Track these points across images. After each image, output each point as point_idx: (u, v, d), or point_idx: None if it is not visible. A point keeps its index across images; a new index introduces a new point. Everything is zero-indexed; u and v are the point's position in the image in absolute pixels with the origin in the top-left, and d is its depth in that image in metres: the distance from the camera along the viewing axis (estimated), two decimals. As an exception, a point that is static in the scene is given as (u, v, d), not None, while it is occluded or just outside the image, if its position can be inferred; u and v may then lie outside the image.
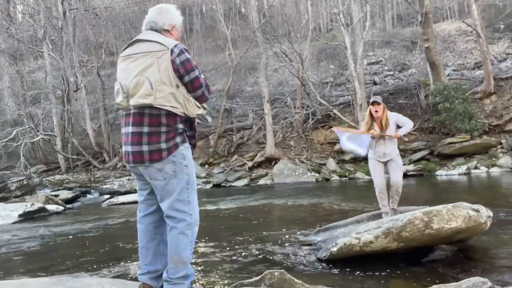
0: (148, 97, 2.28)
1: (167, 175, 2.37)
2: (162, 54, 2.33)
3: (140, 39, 2.44)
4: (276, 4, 24.36)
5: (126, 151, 2.43)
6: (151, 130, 2.33)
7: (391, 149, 5.03)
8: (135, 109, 2.34)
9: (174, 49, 2.35)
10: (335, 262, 3.92)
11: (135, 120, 2.35)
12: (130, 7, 28.56)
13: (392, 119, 5.05)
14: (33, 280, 3.14)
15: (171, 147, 2.36)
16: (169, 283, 2.39)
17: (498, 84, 16.40)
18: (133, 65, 2.36)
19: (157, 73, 2.30)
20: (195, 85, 2.40)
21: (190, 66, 2.38)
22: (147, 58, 2.34)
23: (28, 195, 11.47)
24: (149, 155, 2.34)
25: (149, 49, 2.36)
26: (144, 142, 2.33)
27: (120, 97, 2.37)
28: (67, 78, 19.24)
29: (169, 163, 2.36)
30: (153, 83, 2.29)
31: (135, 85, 2.31)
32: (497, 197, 8.02)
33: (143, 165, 2.37)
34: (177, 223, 2.40)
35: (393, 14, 31.82)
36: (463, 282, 2.54)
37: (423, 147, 15.25)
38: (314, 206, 8.38)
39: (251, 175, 16.00)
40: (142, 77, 2.30)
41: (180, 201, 2.40)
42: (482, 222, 3.65)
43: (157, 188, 2.41)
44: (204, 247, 5.15)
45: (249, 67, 23.72)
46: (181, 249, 2.39)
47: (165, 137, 2.35)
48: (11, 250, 5.76)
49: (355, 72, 16.78)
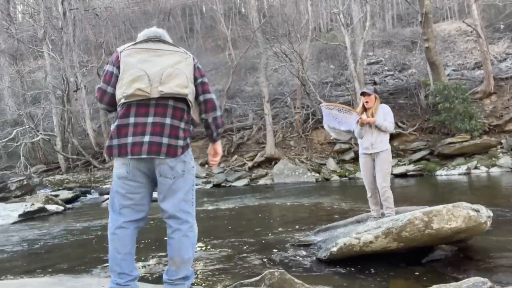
0: (185, 89, 2.36)
1: (177, 174, 2.36)
2: (188, 57, 2.47)
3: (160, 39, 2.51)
4: (276, 4, 24.37)
5: (138, 141, 2.29)
6: (174, 123, 2.35)
7: (380, 141, 4.64)
8: (159, 100, 2.34)
9: (194, 57, 2.55)
10: (335, 262, 3.91)
11: (158, 110, 2.34)
12: (130, 7, 28.57)
13: (381, 110, 4.72)
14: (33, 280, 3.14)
15: (185, 146, 2.39)
16: (170, 284, 2.38)
17: (498, 84, 16.41)
18: (160, 59, 2.40)
19: (188, 70, 2.43)
20: (205, 88, 2.51)
21: (204, 72, 2.57)
22: (175, 56, 2.44)
23: (28, 195, 11.47)
24: (167, 148, 2.31)
25: (175, 50, 2.48)
26: (165, 134, 2.32)
27: (143, 83, 2.31)
28: (67, 78, 19.26)
29: (181, 162, 2.37)
30: (187, 78, 2.40)
31: (169, 74, 2.35)
32: (497, 197, 8.02)
33: (157, 158, 2.30)
34: (181, 224, 2.38)
35: (393, 14, 31.84)
36: (463, 282, 2.54)
37: (423, 147, 15.26)
38: (314, 206, 8.38)
39: (251, 175, 16.01)
40: (177, 69, 2.38)
41: (186, 202, 2.40)
42: (482, 222, 3.65)
43: (164, 186, 2.36)
44: (204, 247, 5.15)
45: (249, 67, 23.74)
46: (184, 251, 2.38)
47: (183, 135, 2.39)
48: (11, 250, 5.76)
49: (355, 72, 16.79)
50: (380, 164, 4.63)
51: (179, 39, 29.81)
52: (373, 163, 4.71)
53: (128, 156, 2.31)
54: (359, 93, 5.07)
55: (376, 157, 4.67)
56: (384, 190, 4.58)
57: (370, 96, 4.73)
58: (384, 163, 4.63)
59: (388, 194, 4.57)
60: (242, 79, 24.09)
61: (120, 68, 2.39)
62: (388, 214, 4.54)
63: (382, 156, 4.65)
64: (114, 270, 2.39)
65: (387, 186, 4.60)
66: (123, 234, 2.39)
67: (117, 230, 2.39)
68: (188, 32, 33.59)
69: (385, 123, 4.64)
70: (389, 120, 4.69)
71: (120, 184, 2.38)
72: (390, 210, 4.56)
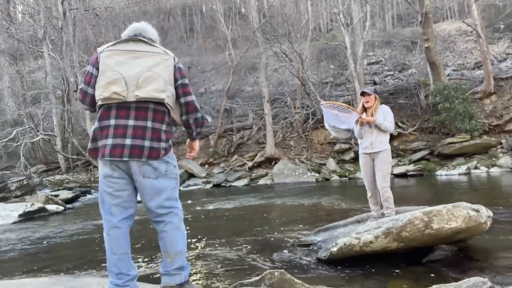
0: (161, 93, 2.36)
1: (160, 174, 2.42)
2: (168, 58, 2.45)
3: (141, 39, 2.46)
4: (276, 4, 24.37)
5: (119, 144, 2.32)
6: (155, 126, 2.38)
7: (380, 141, 4.63)
8: (139, 103, 2.35)
9: (174, 57, 2.53)
10: (335, 262, 3.91)
11: (139, 114, 2.36)
12: (130, 7, 28.56)
13: (381, 110, 4.70)
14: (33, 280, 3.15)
15: (167, 148, 2.45)
16: (167, 275, 2.47)
17: (498, 84, 16.41)
18: (138, 61, 2.38)
19: (165, 73, 2.41)
20: (186, 90, 2.51)
21: (185, 73, 2.55)
22: (154, 57, 2.41)
23: (28, 195, 11.47)
24: (149, 151, 2.36)
25: (155, 51, 2.44)
26: (147, 137, 2.36)
27: (120, 87, 2.31)
28: (67, 78, 19.25)
29: (164, 162, 2.44)
30: (165, 81, 2.39)
31: (145, 78, 2.34)
32: (497, 197, 8.01)
33: (139, 161, 2.34)
34: (171, 217, 2.47)
35: (393, 14, 31.83)
36: (463, 282, 2.54)
37: (423, 147, 15.26)
38: (314, 206, 8.37)
39: (251, 175, 16.01)
40: (154, 73, 2.36)
41: (171, 199, 2.50)
42: (482, 222, 3.65)
43: (146, 186, 2.40)
44: (204, 247, 5.14)
45: (249, 67, 23.73)
46: (176, 243, 2.47)
47: (165, 137, 2.44)
48: (11, 250, 5.76)
49: (355, 72, 16.79)
50: (379, 164, 4.62)
51: (179, 39, 29.84)
52: (373, 163, 4.69)
53: (108, 158, 2.35)
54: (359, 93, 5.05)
55: (376, 157, 4.66)
56: (384, 190, 4.57)
57: (370, 96, 4.72)
58: (383, 163, 4.62)
59: (388, 194, 4.56)
60: (242, 79, 24.08)
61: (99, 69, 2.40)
62: (388, 214, 4.54)
63: (381, 156, 4.63)
64: (112, 271, 2.42)
65: (387, 186, 4.60)
66: (116, 235, 2.42)
67: (111, 231, 2.42)
68: (188, 32, 33.58)
69: (385, 123, 4.63)
70: (389, 120, 4.67)
71: (106, 183, 2.42)
72: (390, 210, 4.56)
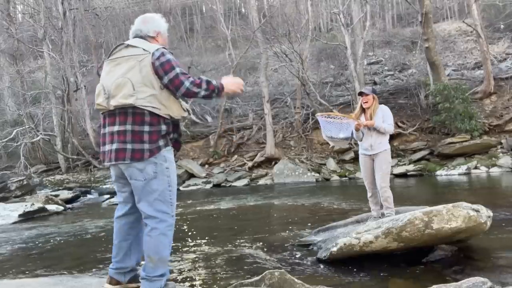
0: (130, 98, 2.37)
1: (148, 175, 2.42)
2: (144, 58, 2.42)
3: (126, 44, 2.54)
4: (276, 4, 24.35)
5: (108, 149, 2.46)
6: (135, 128, 2.40)
7: (379, 142, 4.62)
8: (120, 109, 2.42)
9: (155, 52, 2.42)
10: (335, 262, 3.91)
11: (120, 119, 2.43)
12: (130, 7, 28.55)
13: (381, 111, 4.67)
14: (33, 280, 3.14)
15: (154, 149, 2.43)
16: (147, 280, 2.45)
17: (498, 84, 16.40)
18: (116, 69, 2.46)
19: (138, 75, 2.39)
20: (175, 84, 2.41)
21: (169, 66, 2.41)
22: (130, 61, 2.44)
23: (28, 195, 11.48)
24: (131, 154, 2.40)
25: (133, 53, 2.46)
26: (128, 140, 2.40)
27: (101, 98, 2.45)
28: (67, 78, 19.24)
29: (151, 164, 2.42)
30: (135, 85, 2.38)
31: (116, 86, 2.40)
32: (497, 197, 8.01)
33: (124, 163, 2.42)
34: (158, 223, 2.44)
35: (393, 14, 31.83)
36: (463, 282, 2.54)
37: (423, 147, 15.26)
38: (314, 206, 8.37)
39: (251, 175, 16.00)
40: (124, 78, 2.39)
41: (162, 202, 2.46)
42: (482, 222, 3.65)
43: (137, 188, 2.45)
44: (204, 247, 5.15)
45: (249, 67, 23.71)
46: (161, 250, 2.45)
47: (149, 138, 2.42)
48: (11, 250, 5.76)
49: (355, 72, 16.79)
50: (379, 165, 4.62)
51: (179, 39, 29.82)
52: (373, 163, 4.70)
53: (106, 163, 2.52)
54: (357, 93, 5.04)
55: (375, 158, 4.66)
56: (383, 190, 4.57)
57: (368, 96, 4.70)
58: (383, 164, 4.62)
59: (388, 194, 4.57)
60: (242, 79, 23.95)
61: None
62: (388, 214, 4.54)
63: (381, 156, 4.63)
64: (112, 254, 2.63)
65: (386, 186, 4.59)
66: (115, 227, 2.63)
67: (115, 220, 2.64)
68: (188, 32, 33.57)
69: (384, 125, 4.61)
70: (389, 122, 4.65)
71: (114, 183, 2.64)
72: (390, 210, 4.56)
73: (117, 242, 2.61)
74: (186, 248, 5.12)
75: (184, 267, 4.24)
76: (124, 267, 2.62)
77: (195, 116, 21.15)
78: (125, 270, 2.62)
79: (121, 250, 2.60)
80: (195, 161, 17.01)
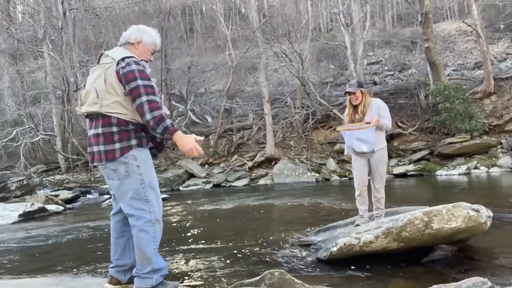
0: (94, 105, 2.50)
1: (121, 175, 2.51)
2: (110, 66, 2.53)
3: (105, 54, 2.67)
4: (276, 4, 24.34)
5: (90, 151, 2.61)
6: (104, 130, 2.51)
7: (376, 139, 4.42)
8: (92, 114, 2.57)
9: (120, 61, 2.51)
10: (335, 262, 3.91)
11: (95, 123, 2.57)
12: (130, 7, 28.54)
13: (375, 106, 4.47)
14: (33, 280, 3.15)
15: (124, 148, 2.51)
16: (139, 277, 2.53)
17: (498, 84, 16.41)
18: (91, 77, 2.61)
19: (103, 83, 2.50)
20: (133, 95, 2.47)
21: (132, 76, 2.46)
22: (98, 70, 2.58)
23: (28, 195, 11.47)
24: (104, 155, 2.52)
25: (103, 62, 2.60)
26: (100, 142, 2.52)
27: (78, 105, 2.68)
28: (67, 78, 19.23)
29: (122, 164, 2.51)
30: (99, 93, 2.49)
31: (85, 94, 2.58)
32: (497, 197, 8.01)
33: (101, 164, 2.55)
34: (135, 220, 2.52)
35: (393, 14, 31.82)
36: (463, 282, 2.54)
37: (423, 147, 15.26)
38: (314, 206, 8.37)
39: (251, 175, 16.01)
40: (91, 87, 2.54)
41: (137, 199, 2.52)
42: (482, 222, 3.65)
43: (113, 187, 2.58)
44: (204, 247, 5.15)
45: (249, 67, 23.72)
46: (143, 246, 2.50)
47: (118, 138, 2.50)
48: (11, 250, 5.76)
49: (355, 72, 16.79)
50: (376, 164, 4.51)
51: (179, 39, 29.80)
52: (368, 161, 4.54)
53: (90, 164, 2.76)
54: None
55: (372, 156, 4.51)
56: (379, 191, 4.52)
57: (355, 94, 4.46)
58: (380, 163, 4.51)
59: (382, 195, 4.53)
60: (242, 79, 24.07)
61: None
62: (377, 215, 4.50)
63: (378, 155, 4.49)
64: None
65: (381, 186, 4.54)
66: (111, 225, 2.75)
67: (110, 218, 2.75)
68: (188, 32, 33.56)
69: (385, 121, 4.44)
70: (387, 118, 4.48)
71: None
72: (381, 211, 4.52)
73: (114, 240, 2.70)
74: (186, 248, 5.12)
75: (184, 267, 4.24)
76: (123, 264, 2.67)
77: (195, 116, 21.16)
78: (124, 268, 2.67)
79: (118, 247, 2.68)
80: (195, 161, 17.01)
